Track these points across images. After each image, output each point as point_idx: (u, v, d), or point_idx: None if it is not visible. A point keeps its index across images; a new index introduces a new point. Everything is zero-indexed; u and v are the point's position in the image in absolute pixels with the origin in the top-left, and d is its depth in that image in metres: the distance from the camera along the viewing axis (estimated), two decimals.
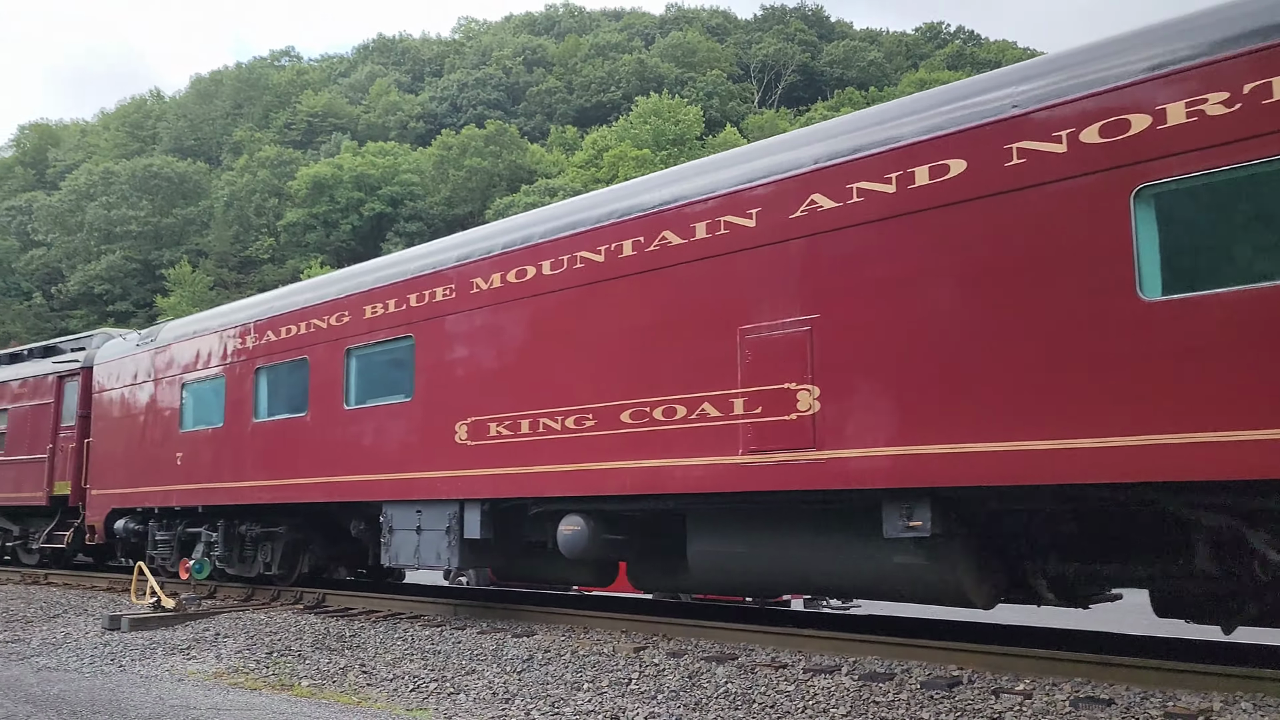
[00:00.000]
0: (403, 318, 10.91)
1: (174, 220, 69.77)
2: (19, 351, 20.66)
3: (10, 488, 18.55)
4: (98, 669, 9.33)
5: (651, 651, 8.53)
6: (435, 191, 64.69)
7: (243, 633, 10.70)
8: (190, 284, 59.49)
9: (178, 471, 14.01)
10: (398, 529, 10.68)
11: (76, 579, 16.93)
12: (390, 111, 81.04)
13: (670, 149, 56.90)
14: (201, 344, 14.16)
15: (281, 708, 7.51)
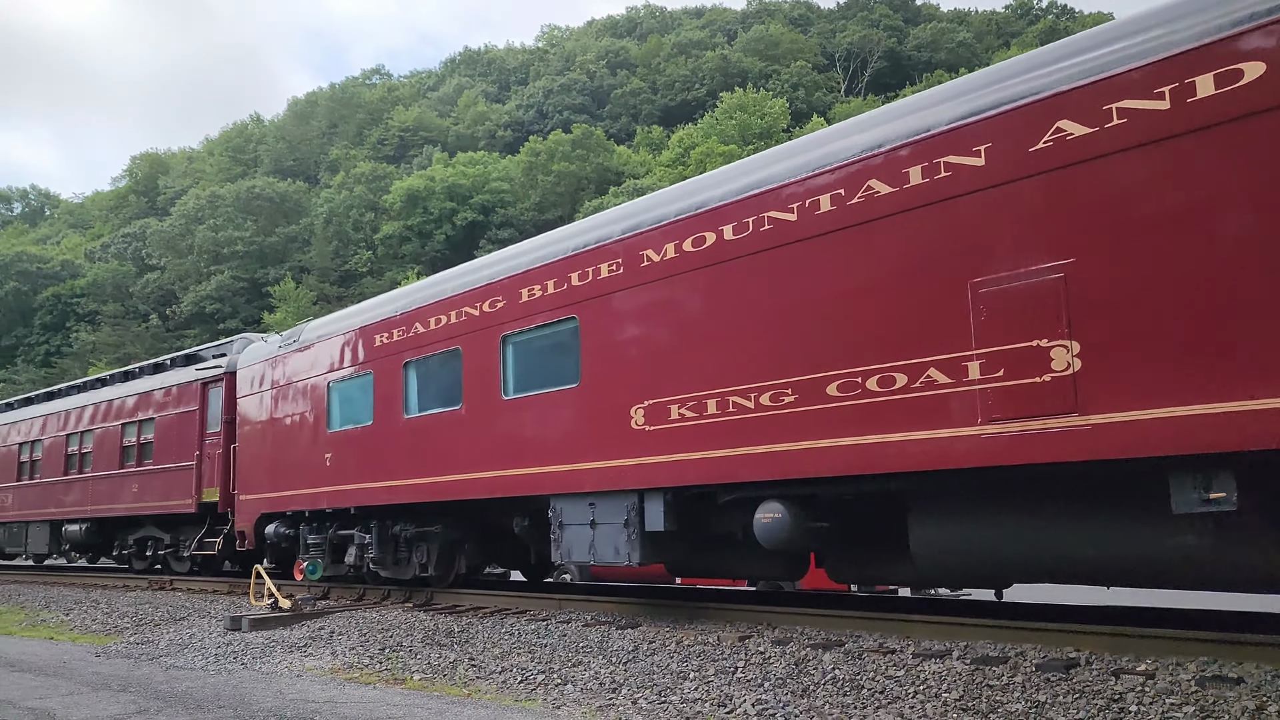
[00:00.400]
0: (564, 298, 10.27)
1: (277, 239, 72.15)
2: (162, 361, 20.77)
3: (159, 496, 18.46)
4: (221, 667, 9.64)
5: (756, 640, 8.44)
6: (525, 198, 65.48)
7: (356, 630, 10.94)
8: (294, 300, 61.40)
9: (327, 473, 13.71)
10: (569, 524, 10.02)
11: (199, 584, 17.60)
12: (478, 122, 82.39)
13: (757, 143, 56.48)
14: (345, 341, 13.84)
15: (395, 700, 7.65)
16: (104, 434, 20.45)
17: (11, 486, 23.77)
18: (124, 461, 19.62)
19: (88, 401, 21.45)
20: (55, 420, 22.50)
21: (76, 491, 21.02)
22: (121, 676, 9.27)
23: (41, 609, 16.03)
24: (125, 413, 19.89)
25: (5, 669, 10.02)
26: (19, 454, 23.72)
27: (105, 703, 7.93)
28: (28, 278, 79.00)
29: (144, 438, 19.21)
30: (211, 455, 17.21)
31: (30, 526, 22.96)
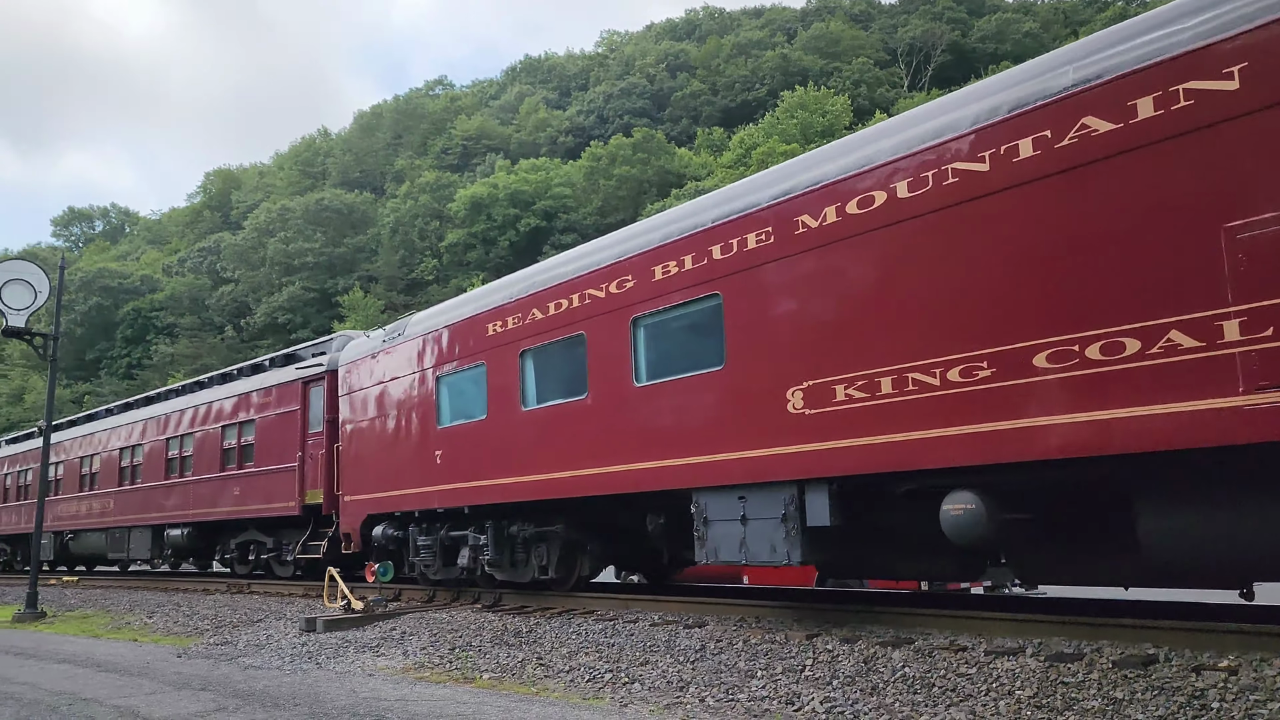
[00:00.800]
0: (704, 274, 9.39)
1: (345, 249, 73.56)
2: (260, 362, 20.45)
3: (261, 499, 18.06)
4: (296, 666, 9.84)
5: (824, 638, 8.36)
6: (587, 202, 65.84)
7: (426, 631, 11.09)
8: (363, 309, 62.51)
9: (438, 471, 13.06)
10: (715, 520, 9.12)
11: (276, 587, 17.98)
12: (540, 128, 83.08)
13: (818, 140, 56.04)
14: (454, 332, 13.17)
15: (465, 699, 7.72)
16: (204, 437, 20.27)
17: (113, 492, 23.71)
18: (225, 464, 19.36)
19: (187, 405, 21.33)
20: (155, 424, 22.41)
21: (177, 495, 20.90)
22: (202, 676, 9.50)
23: (126, 612, 16.53)
24: (225, 415, 19.64)
25: (93, 669, 10.35)
26: (119, 459, 23.66)
27: (186, 701, 8.14)
28: (109, 293, 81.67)
29: (244, 440, 18.90)
30: (314, 456, 16.78)
31: (133, 531, 22.82)
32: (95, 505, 24.42)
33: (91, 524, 24.57)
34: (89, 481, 25.04)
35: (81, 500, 25.17)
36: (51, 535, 26.53)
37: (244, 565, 19.81)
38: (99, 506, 24.20)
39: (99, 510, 24.19)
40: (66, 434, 27.28)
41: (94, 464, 24.90)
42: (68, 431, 27.50)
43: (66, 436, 27.07)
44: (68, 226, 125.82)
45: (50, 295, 18.76)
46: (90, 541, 25.01)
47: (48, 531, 26.17)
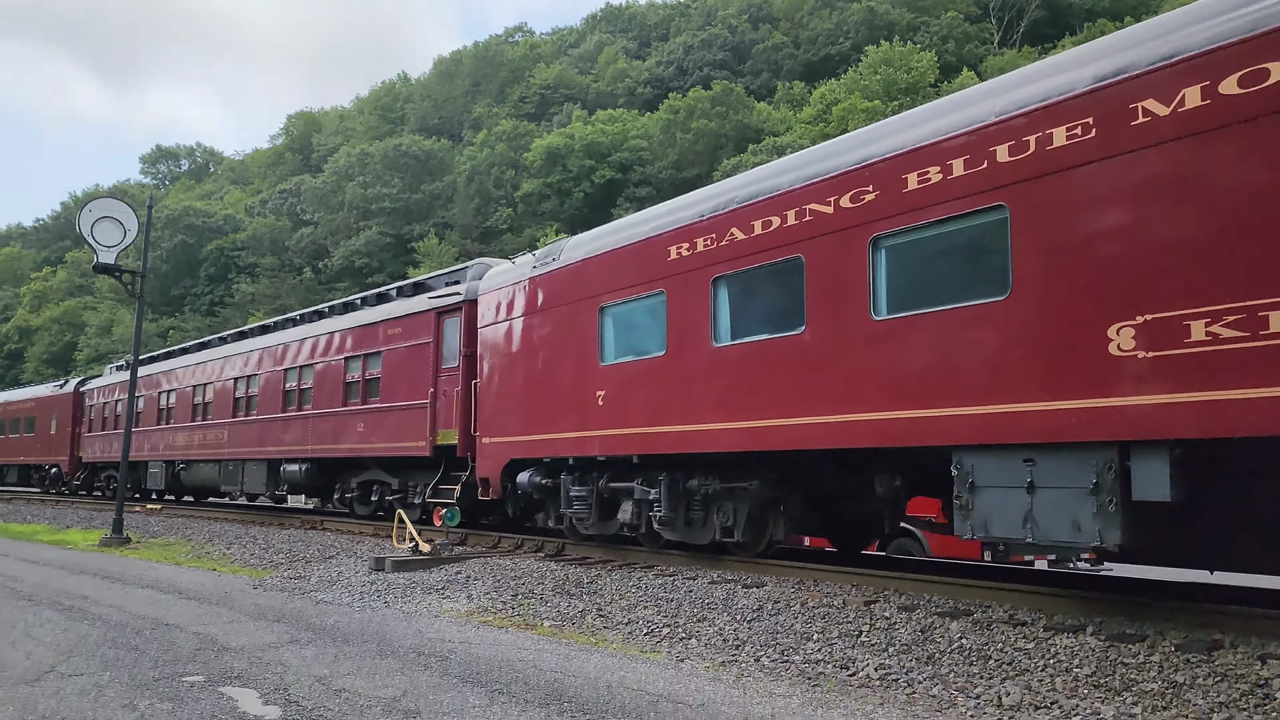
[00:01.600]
0: (981, 182, 7.69)
1: (422, 196, 74.29)
2: (385, 291, 19.30)
3: (387, 437, 17.03)
4: (366, 604, 10.18)
5: (882, 605, 8.39)
6: (663, 156, 65.40)
7: (490, 577, 11.37)
8: (437, 255, 63.21)
9: (599, 413, 11.76)
10: (986, 486, 7.54)
11: (347, 525, 18.52)
12: (618, 79, 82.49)
13: (902, 99, 54.76)
14: (623, 257, 11.76)
15: (526, 644, 7.93)
16: (325, 369, 19.33)
17: (227, 423, 23.19)
18: (347, 399, 18.41)
19: (306, 335, 20.39)
20: (272, 355, 21.62)
21: (296, 430, 20.10)
22: (276, 608, 9.89)
23: (205, 542, 17.20)
24: (348, 347, 18.62)
25: (174, 596, 10.83)
26: (234, 389, 23.08)
27: (262, 631, 8.49)
28: (194, 231, 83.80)
29: (370, 373, 17.82)
30: (448, 393, 15.60)
31: (247, 465, 22.24)
32: (208, 436, 24.08)
33: (204, 455, 24.27)
34: (202, 411, 24.71)
35: (194, 430, 24.89)
36: (163, 465, 26.60)
37: (365, 506, 18.82)
38: (212, 438, 23.86)
39: (212, 441, 23.86)
40: (179, 362, 27.10)
41: (207, 394, 24.52)
42: (179, 359, 27.31)
43: (178, 365, 26.87)
44: (155, 164, 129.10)
45: (139, 233, 19.35)
46: (202, 473, 24.76)
47: (159, 461, 26.65)
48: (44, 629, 8.62)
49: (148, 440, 27.52)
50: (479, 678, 6.58)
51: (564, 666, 6.98)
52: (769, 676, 6.75)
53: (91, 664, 7.08)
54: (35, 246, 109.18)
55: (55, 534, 20.48)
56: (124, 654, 7.45)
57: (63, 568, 13.80)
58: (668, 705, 5.81)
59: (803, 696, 6.11)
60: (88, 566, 13.94)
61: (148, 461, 27.66)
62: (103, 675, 6.68)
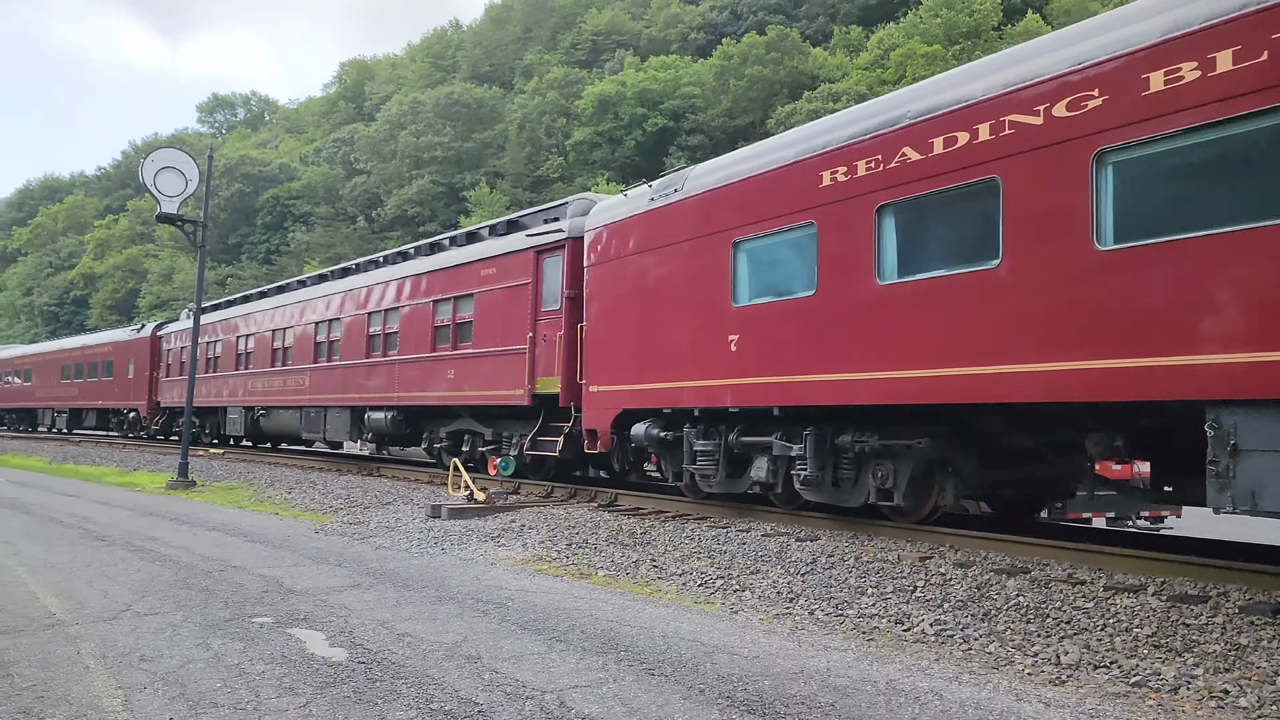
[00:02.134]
0: (1255, 78, 6.34)
1: (473, 144, 74.31)
2: (476, 230, 18.16)
3: (480, 384, 15.98)
4: (423, 550, 10.39)
5: (937, 561, 8.38)
6: (716, 103, 64.63)
7: (544, 526, 11.53)
8: (488, 204, 63.35)
9: (731, 360, 10.68)
10: (1254, 450, 6.31)
11: (404, 472, 18.86)
12: (671, 24, 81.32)
13: (963, 43, 53.42)
14: (762, 185, 10.52)
15: (581, 594, 8.06)
16: (412, 312, 18.37)
17: (309, 368, 22.35)
18: (436, 344, 17.44)
19: (391, 277, 19.43)
20: (355, 298, 20.66)
21: (381, 376, 19.22)
22: (337, 553, 10.14)
23: (267, 486, 17.62)
24: (437, 289, 17.59)
25: (240, 538, 11.14)
26: (315, 334, 22.24)
27: (324, 575, 8.72)
28: (250, 180, 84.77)
29: (461, 317, 16.86)
30: (548, 337, 14.56)
31: (329, 411, 21.41)
32: (289, 382, 23.31)
33: (285, 401, 23.53)
34: (282, 356, 23.98)
35: (274, 375, 24.21)
36: (242, 410, 26.22)
37: (454, 456, 17.33)
38: (293, 383, 23.10)
39: (293, 387, 23.11)
40: (257, 305, 26.57)
41: (287, 338, 23.77)
42: (258, 303, 26.77)
43: (257, 309, 26.31)
44: (212, 113, 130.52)
45: (199, 183, 19.63)
46: (283, 419, 24.09)
47: (238, 406, 26.34)
48: (118, 569, 8.93)
49: (226, 385, 27.20)
50: (536, 625, 6.71)
51: (620, 616, 7.08)
52: (823, 630, 6.80)
53: (165, 603, 7.34)
54: (98, 195, 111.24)
55: (124, 476, 21.13)
56: (195, 594, 7.70)
57: (132, 509, 14.25)
58: (723, 656, 5.88)
59: (858, 650, 6.15)
60: (156, 509, 14.37)
61: (226, 407, 27.39)
62: (176, 615, 6.92)
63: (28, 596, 7.55)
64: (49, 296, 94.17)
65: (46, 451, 29.88)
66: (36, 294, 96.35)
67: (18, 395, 45.73)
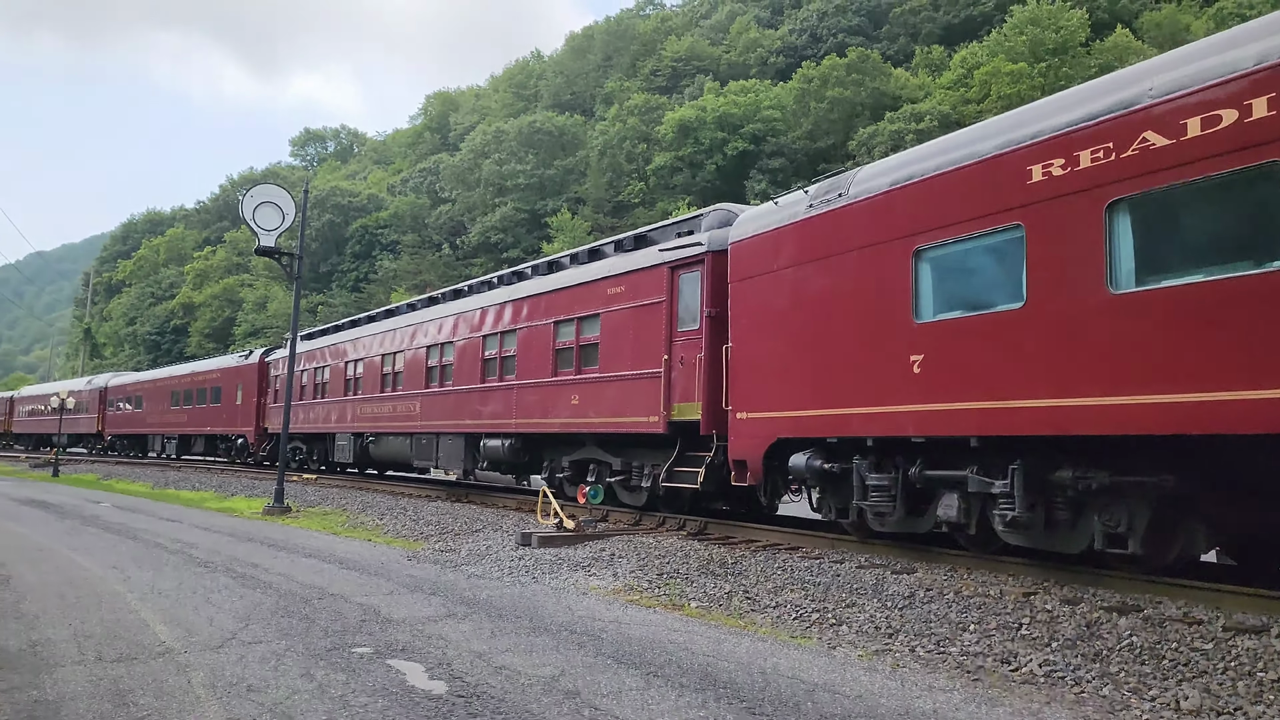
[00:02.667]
0: None
1: (555, 171, 75.22)
2: (599, 247, 17.39)
3: (608, 410, 15.10)
4: (515, 579, 10.44)
5: (1043, 597, 8.12)
6: (797, 126, 64.35)
7: (634, 555, 11.49)
8: (570, 230, 63.95)
9: (913, 384, 9.50)
10: None
11: (491, 499, 19.03)
12: (750, 49, 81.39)
13: (1049, 59, 52.30)
14: (951, 184, 9.35)
15: (675, 625, 7.99)
16: (530, 334, 17.59)
17: (420, 394, 21.83)
18: (558, 368, 16.63)
19: (507, 298, 18.70)
20: (468, 320, 20.04)
21: (497, 401, 18.49)
22: (431, 580, 10.24)
23: (359, 512, 17.95)
24: (558, 309, 16.79)
25: (336, 565, 11.34)
26: (426, 358, 21.72)
27: (420, 604, 8.81)
28: (340, 210, 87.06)
29: (585, 338, 15.94)
30: (685, 359, 13.56)
31: (441, 438, 20.88)
32: (399, 407, 22.82)
33: (395, 427, 23.09)
34: (392, 381, 23.50)
35: (384, 401, 23.73)
36: (351, 437, 25.84)
37: (576, 487, 16.83)
38: (404, 409, 22.59)
39: (403, 413, 22.59)
40: (365, 330, 26.12)
41: (397, 363, 23.28)
42: (366, 327, 26.30)
43: (365, 333, 25.86)
44: (304, 147, 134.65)
45: (296, 216, 20.21)
46: (393, 446, 23.59)
47: (346, 433, 26.04)
48: (221, 595, 9.16)
49: (334, 411, 26.94)
50: (632, 658, 6.67)
51: (715, 650, 7.00)
52: (925, 668, 6.62)
53: (268, 631, 7.49)
54: (197, 227, 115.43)
55: (221, 501, 21.74)
56: (296, 623, 7.85)
57: (232, 535, 14.64)
58: (825, 695, 5.76)
59: (964, 691, 5.97)
60: (254, 534, 14.74)
61: (335, 433, 27.07)
62: (279, 643, 7.06)
63: (139, 623, 7.78)
64: (151, 325, 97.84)
65: (149, 477, 30.94)
66: (139, 323, 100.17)
67: (129, 421, 46.51)
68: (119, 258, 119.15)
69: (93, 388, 51.09)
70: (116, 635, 7.30)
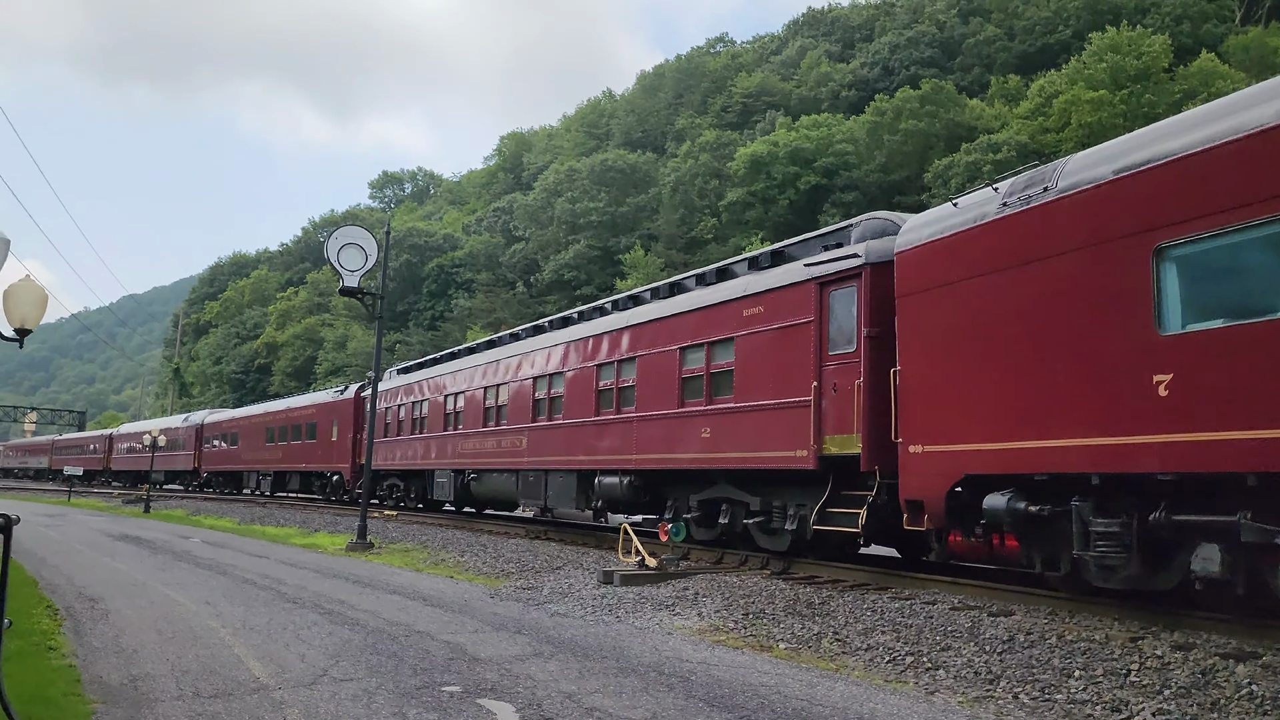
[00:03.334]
0: None
1: (627, 209, 75.75)
2: (728, 265, 15.98)
3: (745, 444, 13.62)
4: (598, 618, 10.35)
5: (1151, 642, 7.76)
6: (870, 159, 63.94)
7: (718, 594, 11.33)
8: (643, 267, 64.21)
9: (1157, 408, 7.90)
10: None
11: (570, 535, 19.00)
12: (821, 83, 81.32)
13: (1131, 86, 51.18)
14: (1209, 165, 7.78)
15: (764, 668, 7.82)
16: (652, 362, 16.11)
17: (526, 428, 20.38)
18: (685, 398, 15.14)
19: (624, 323, 17.30)
20: (580, 349, 18.63)
21: (614, 435, 16.97)
22: (514, 619, 10.21)
23: (440, 549, 18.05)
24: (684, 334, 15.34)
25: (420, 602, 11.38)
26: (534, 389, 20.28)
27: (505, 643, 8.77)
28: (417, 250, 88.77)
29: (716, 365, 14.49)
30: (840, 386, 12.05)
31: (550, 476, 19.48)
32: (504, 442, 21.39)
33: (499, 464, 21.65)
34: (495, 415, 22.19)
35: (486, 436, 22.35)
36: (451, 474, 24.58)
37: (707, 528, 15.15)
38: (508, 444, 21.16)
39: (508, 448, 21.10)
40: (465, 362, 24.89)
41: (500, 395, 21.91)
42: (466, 359, 25.13)
43: (465, 365, 24.58)
44: (382, 189, 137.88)
45: (377, 257, 20.62)
46: (497, 483, 22.15)
47: (446, 470, 24.87)
48: (311, 632, 9.24)
49: (433, 446, 25.69)
50: (724, 701, 6.53)
51: (809, 694, 6.82)
52: (1031, 716, 6.36)
53: (358, 669, 7.52)
54: (280, 269, 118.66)
55: (306, 537, 22.09)
56: (385, 660, 7.87)
57: (318, 571, 14.82)
58: None
59: None
60: (339, 570, 14.91)
61: (433, 470, 25.86)
62: (370, 681, 7.07)
63: (233, 659, 7.87)
64: (236, 364, 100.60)
65: (235, 513, 31.61)
66: (225, 362, 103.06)
67: (224, 459, 46.66)
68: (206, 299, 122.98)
69: (189, 425, 51.53)
70: (212, 671, 7.40)
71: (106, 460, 64.75)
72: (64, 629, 9.34)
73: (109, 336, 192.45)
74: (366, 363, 63.47)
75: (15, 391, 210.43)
